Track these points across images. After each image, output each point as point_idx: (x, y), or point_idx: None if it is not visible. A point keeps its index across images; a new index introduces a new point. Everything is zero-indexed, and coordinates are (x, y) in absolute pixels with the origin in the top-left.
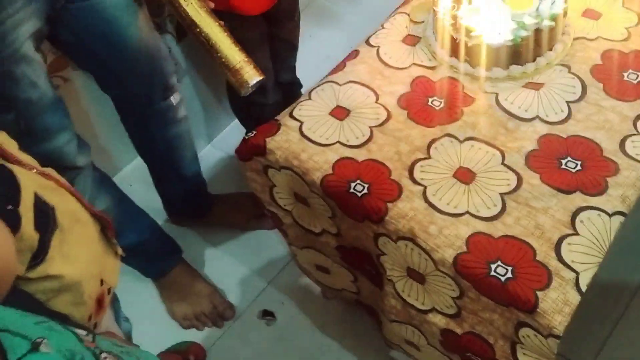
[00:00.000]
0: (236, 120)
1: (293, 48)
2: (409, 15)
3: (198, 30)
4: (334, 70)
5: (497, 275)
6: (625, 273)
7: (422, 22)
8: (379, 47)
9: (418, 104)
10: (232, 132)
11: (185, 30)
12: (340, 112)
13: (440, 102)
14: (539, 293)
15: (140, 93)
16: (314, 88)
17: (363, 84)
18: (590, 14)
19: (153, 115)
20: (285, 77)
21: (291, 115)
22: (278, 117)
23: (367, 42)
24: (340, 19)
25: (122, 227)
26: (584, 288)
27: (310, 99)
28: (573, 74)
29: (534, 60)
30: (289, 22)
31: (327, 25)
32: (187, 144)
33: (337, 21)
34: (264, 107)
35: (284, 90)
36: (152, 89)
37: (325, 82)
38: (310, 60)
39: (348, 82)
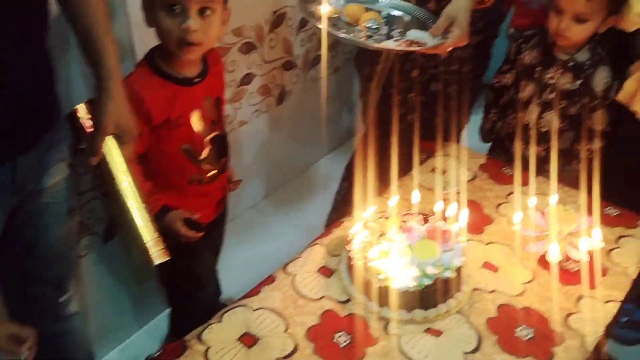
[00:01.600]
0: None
1: (217, 252)
2: (326, 247)
3: (122, 200)
4: (249, 294)
5: None
6: None
7: (338, 255)
8: (295, 275)
9: (325, 339)
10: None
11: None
12: (248, 339)
13: (347, 339)
14: None
15: (31, 291)
16: (227, 310)
17: (275, 311)
18: (490, 266)
19: (39, 310)
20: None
21: (199, 338)
22: (187, 337)
23: (284, 269)
24: (270, 230)
25: None
26: None
27: (221, 321)
28: (470, 323)
29: (436, 306)
30: (217, 228)
31: (257, 236)
32: (77, 342)
33: (266, 232)
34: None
35: None
36: (44, 289)
37: (238, 306)
38: (235, 269)
39: (260, 308)
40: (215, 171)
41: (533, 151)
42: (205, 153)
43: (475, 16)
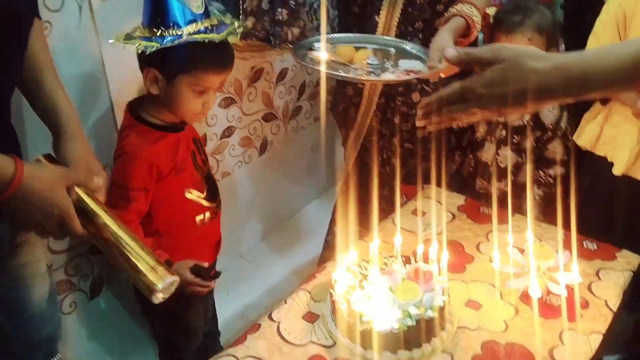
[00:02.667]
0: None
1: (206, 305)
2: (310, 292)
3: (110, 235)
4: (235, 343)
5: None
6: None
7: (322, 300)
8: (279, 322)
9: None
10: None
11: (96, 239)
12: None
13: None
14: None
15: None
16: None
17: None
18: (472, 304)
19: None
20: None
21: None
22: None
23: (270, 316)
24: (259, 279)
25: None
26: None
27: None
28: None
29: (420, 347)
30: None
31: (245, 284)
32: None
33: (255, 281)
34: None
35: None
36: (34, 355)
37: (225, 355)
38: (225, 319)
39: (247, 357)
40: (214, 206)
41: (494, 187)
42: (205, 191)
43: None
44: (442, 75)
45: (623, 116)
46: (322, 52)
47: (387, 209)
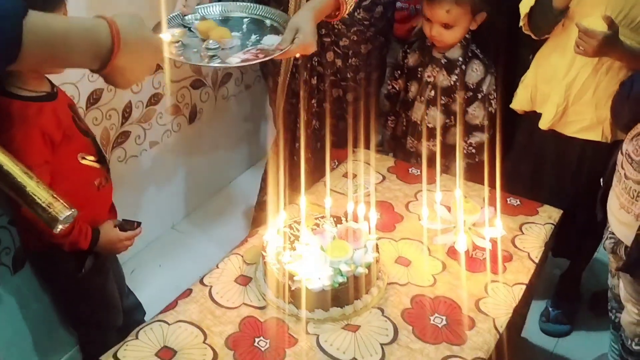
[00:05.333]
0: None
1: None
2: (242, 256)
3: (4, 171)
4: (166, 309)
5: None
6: None
7: (254, 263)
8: (211, 286)
9: (245, 345)
10: None
11: None
12: (166, 353)
13: (266, 343)
14: None
15: None
16: (143, 327)
17: (192, 324)
18: (402, 261)
19: None
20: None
21: (115, 357)
22: (102, 357)
23: (201, 281)
24: (191, 250)
25: None
26: None
27: (137, 338)
28: (386, 317)
29: (352, 303)
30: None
31: (178, 255)
32: None
33: (188, 251)
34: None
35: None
36: None
37: (154, 321)
38: (157, 291)
39: (178, 322)
40: (106, 170)
41: (424, 146)
42: (97, 155)
43: (363, 26)
44: (297, 55)
45: (551, 74)
46: (165, 34)
47: (318, 173)
